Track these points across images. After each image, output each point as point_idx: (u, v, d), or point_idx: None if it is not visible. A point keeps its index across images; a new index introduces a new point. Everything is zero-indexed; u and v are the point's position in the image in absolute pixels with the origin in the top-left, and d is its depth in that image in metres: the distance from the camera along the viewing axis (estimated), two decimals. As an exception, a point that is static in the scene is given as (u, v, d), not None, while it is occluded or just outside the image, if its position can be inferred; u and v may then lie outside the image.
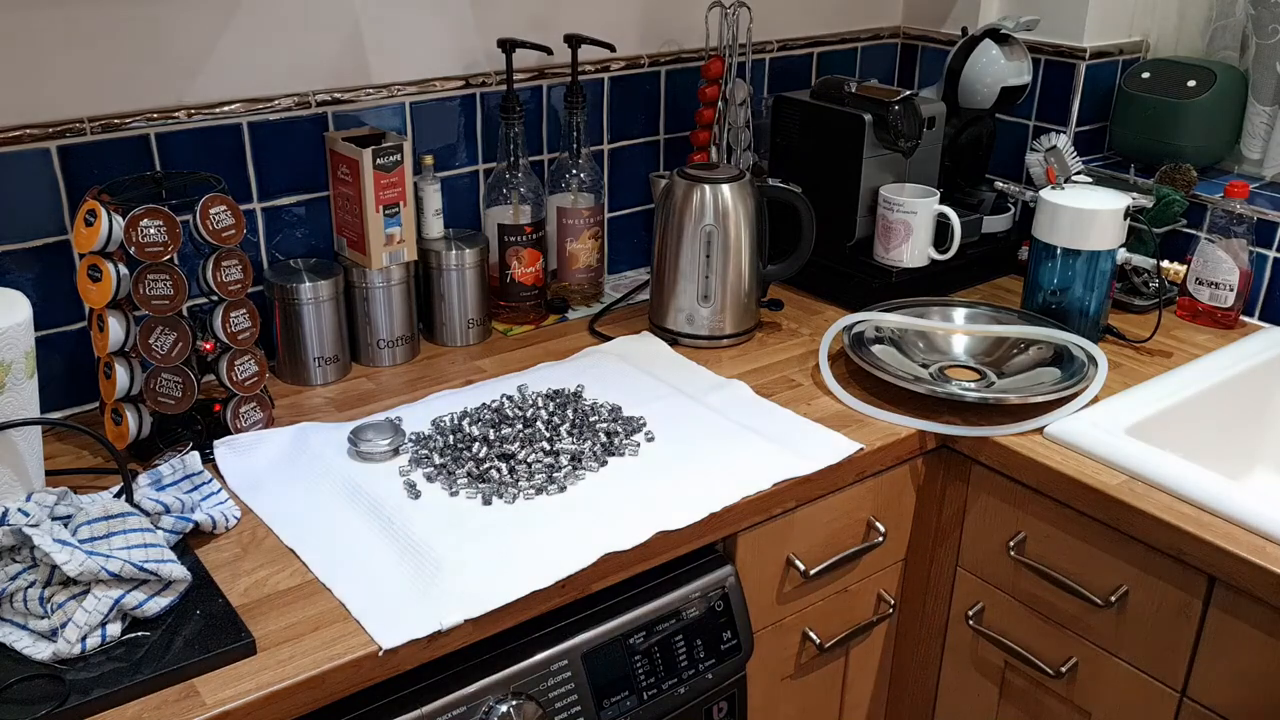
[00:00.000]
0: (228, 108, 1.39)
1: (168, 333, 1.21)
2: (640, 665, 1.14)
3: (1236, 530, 1.20)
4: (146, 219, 1.17)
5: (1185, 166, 1.76)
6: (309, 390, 1.44)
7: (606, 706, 1.11)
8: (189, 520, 1.09)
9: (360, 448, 1.25)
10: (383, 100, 1.50)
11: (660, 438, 1.31)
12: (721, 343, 1.56)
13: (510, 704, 1.05)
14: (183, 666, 0.94)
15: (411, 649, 0.99)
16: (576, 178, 1.62)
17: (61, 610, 0.95)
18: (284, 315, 1.42)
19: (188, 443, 1.25)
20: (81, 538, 1.00)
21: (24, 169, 1.27)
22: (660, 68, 1.74)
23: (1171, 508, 1.22)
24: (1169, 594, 1.24)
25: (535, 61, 1.60)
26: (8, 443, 1.04)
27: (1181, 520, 1.20)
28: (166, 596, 1.00)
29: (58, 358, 1.33)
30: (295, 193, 1.47)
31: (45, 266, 1.31)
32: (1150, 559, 1.25)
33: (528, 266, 1.59)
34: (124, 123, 1.32)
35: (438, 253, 1.52)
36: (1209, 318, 1.69)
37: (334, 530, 1.13)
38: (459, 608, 1.02)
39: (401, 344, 1.51)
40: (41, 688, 0.91)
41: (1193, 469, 1.25)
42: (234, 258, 1.25)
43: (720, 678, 1.21)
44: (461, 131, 1.59)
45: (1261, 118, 1.80)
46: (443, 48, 1.54)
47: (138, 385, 1.23)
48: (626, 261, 1.81)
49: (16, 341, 1.04)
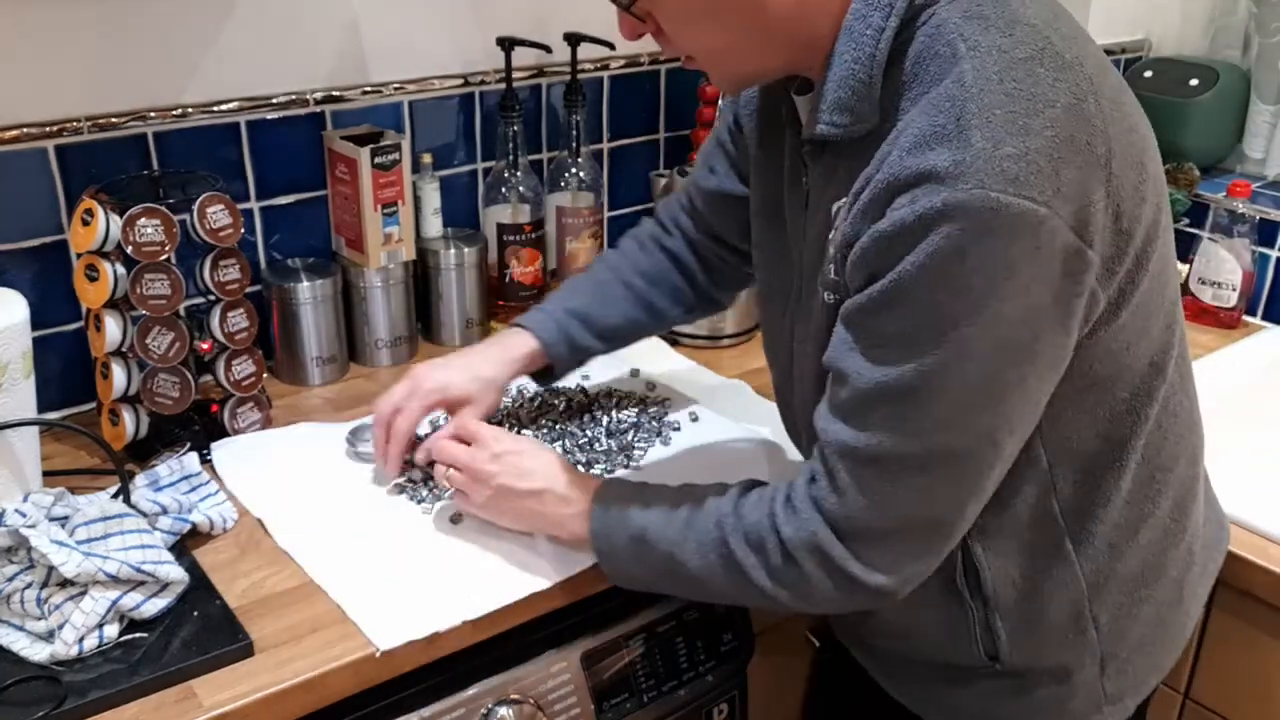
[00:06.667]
0: (225, 106, 1.38)
1: (165, 333, 1.20)
2: (640, 667, 1.13)
3: (1239, 531, 1.19)
4: (144, 218, 1.17)
5: (1187, 166, 1.76)
6: (307, 390, 1.43)
7: (606, 709, 1.11)
8: (186, 521, 1.08)
9: (358, 448, 1.25)
10: (381, 99, 1.50)
11: (660, 439, 1.30)
12: (722, 343, 1.56)
13: (509, 706, 1.05)
14: (180, 668, 0.93)
15: (410, 650, 0.98)
16: (576, 177, 1.61)
17: (59, 611, 0.95)
18: (282, 315, 1.41)
19: (185, 443, 1.24)
20: (79, 539, 0.99)
21: (21, 168, 1.26)
22: (660, 66, 1.74)
23: (1174, 508, 1.21)
24: (1171, 595, 1.24)
25: (534, 60, 1.59)
26: (5, 443, 1.04)
27: (1184, 521, 1.19)
28: (164, 598, 1.00)
29: (55, 358, 1.32)
30: (293, 192, 1.47)
31: (42, 266, 1.30)
32: (1152, 560, 1.24)
33: (527, 266, 1.58)
34: (121, 122, 1.31)
35: (436, 252, 1.52)
36: (1211, 317, 1.68)
37: (332, 531, 1.12)
38: (457, 609, 1.01)
39: (400, 344, 1.50)
40: (39, 689, 0.91)
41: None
42: (231, 257, 1.25)
43: (721, 680, 1.20)
44: (460, 130, 1.59)
45: (1264, 117, 1.80)
46: (441, 46, 1.53)
47: (135, 386, 1.23)
48: (626, 261, 1.81)
49: (13, 341, 1.04)
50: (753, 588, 0.93)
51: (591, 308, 1.23)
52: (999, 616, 0.96)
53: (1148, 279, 0.86)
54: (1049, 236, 0.76)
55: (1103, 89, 0.81)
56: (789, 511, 0.90)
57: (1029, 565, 0.95)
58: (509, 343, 1.22)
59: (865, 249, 0.80)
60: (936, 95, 0.78)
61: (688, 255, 1.25)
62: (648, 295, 1.24)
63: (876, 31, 0.82)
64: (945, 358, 0.79)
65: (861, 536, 0.87)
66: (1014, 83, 0.77)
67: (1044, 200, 0.75)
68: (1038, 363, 0.81)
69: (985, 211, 0.74)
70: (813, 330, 0.93)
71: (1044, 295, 0.78)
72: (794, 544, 0.89)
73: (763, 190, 1.04)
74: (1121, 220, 0.81)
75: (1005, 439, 0.84)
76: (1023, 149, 0.75)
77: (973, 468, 0.84)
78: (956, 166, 0.75)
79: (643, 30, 0.90)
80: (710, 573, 0.95)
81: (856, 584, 0.88)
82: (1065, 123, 0.77)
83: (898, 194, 0.78)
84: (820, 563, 0.88)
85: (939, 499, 0.85)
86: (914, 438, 0.82)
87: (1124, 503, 0.94)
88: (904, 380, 0.80)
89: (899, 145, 0.79)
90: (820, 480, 0.88)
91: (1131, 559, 0.97)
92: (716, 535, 0.94)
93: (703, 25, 0.86)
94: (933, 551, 0.88)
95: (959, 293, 0.77)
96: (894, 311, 0.80)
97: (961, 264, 0.76)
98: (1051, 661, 0.99)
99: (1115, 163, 0.80)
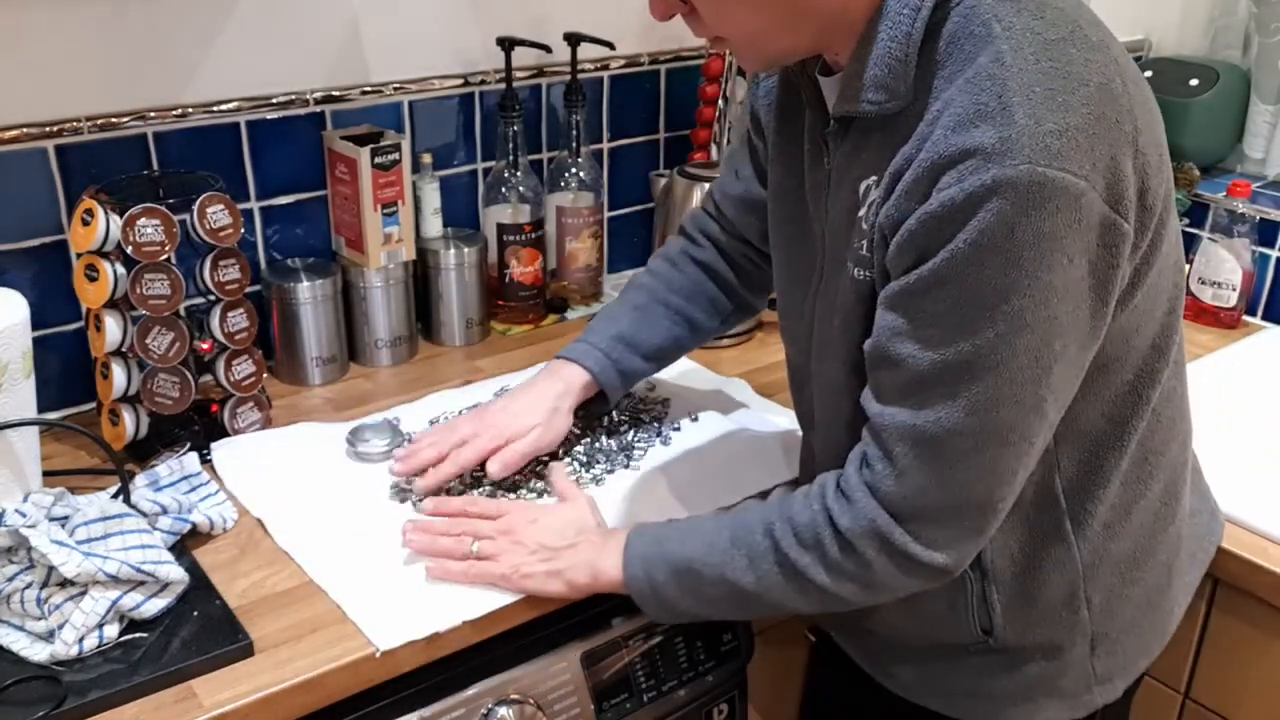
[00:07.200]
0: (225, 106, 1.38)
1: (165, 333, 1.20)
2: (640, 667, 1.13)
3: (1239, 531, 1.19)
4: (144, 218, 1.17)
5: (1187, 165, 1.76)
6: (307, 390, 1.43)
7: (606, 709, 1.11)
8: (186, 521, 1.08)
9: (358, 448, 1.24)
10: (381, 99, 1.50)
11: (659, 439, 1.30)
12: (721, 342, 1.56)
13: (509, 706, 1.05)
14: (180, 668, 0.93)
15: (409, 650, 0.98)
16: (576, 176, 1.61)
17: (59, 611, 0.95)
18: (282, 315, 1.41)
19: (185, 443, 1.24)
20: (79, 539, 0.99)
21: (21, 168, 1.26)
22: (660, 66, 1.74)
23: (1174, 508, 1.21)
24: (1171, 595, 1.24)
25: (534, 60, 1.59)
26: (5, 443, 1.04)
27: (1184, 521, 1.19)
28: (164, 598, 1.00)
29: (55, 358, 1.32)
30: (293, 192, 1.47)
31: (42, 266, 1.30)
32: (1152, 560, 1.24)
33: (527, 266, 1.58)
34: (121, 122, 1.31)
35: (436, 252, 1.51)
36: (1211, 317, 1.68)
37: (332, 531, 1.12)
38: (457, 609, 1.01)
39: (400, 344, 1.50)
40: (39, 689, 0.91)
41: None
42: (231, 257, 1.25)
43: (721, 679, 1.20)
44: (460, 130, 1.59)
45: (1264, 117, 1.80)
46: (441, 46, 1.53)
47: (135, 386, 1.23)
48: (626, 261, 1.80)
49: (13, 341, 1.04)
50: (813, 588, 0.93)
51: (633, 332, 1.24)
52: (995, 589, 0.98)
53: (1159, 260, 0.88)
54: (1089, 209, 0.78)
55: (1127, 71, 0.84)
56: (843, 502, 0.91)
57: (1028, 542, 0.97)
58: (563, 374, 1.23)
59: (913, 231, 0.82)
60: (975, 74, 0.80)
61: (720, 264, 1.26)
62: (686, 311, 1.26)
63: (913, 11, 0.84)
64: (1000, 332, 0.80)
65: (920, 517, 0.88)
66: (1050, 62, 0.80)
67: (1083, 174, 0.78)
68: (1081, 334, 0.83)
69: (1033, 186, 0.76)
70: (839, 307, 0.95)
71: (1085, 267, 0.80)
72: (853, 533, 0.90)
73: (782, 174, 1.05)
74: (1146, 197, 0.83)
75: (1052, 410, 0.86)
76: (1063, 125, 0.78)
77: (1024, 440, 0.85)
78: (1003, 143, 0.77)
79: (674, 11, 0.90)
80: (768, 584, 0.95)
81: (918, 564, 0.89)
82: (1098, 101, 0.80)
83: (943, 171, 0.79)
84: (881, 548, 0.90)
85: (996, 472, 0.86)
86: (973, 414, 0.83)
87: (1120, 484, 0.96)
88: (961, 357, 0.82)
89: (941, 124, 0.81)
90: (876, 464, 0.89)
91: (1124, 540, 0.99)
92: (767, 544, 0.95)
93: (740, 5, 0.87)
94: (988, 525, 0.90)
95: (1009, 266, 0.78)
96: (945, 290, 0.81)
97: (1010, 238, 0.77)
98: (1044, 639, 1.00)
99: (1141, 139, 0.82)
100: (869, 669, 1.11)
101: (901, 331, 0.85)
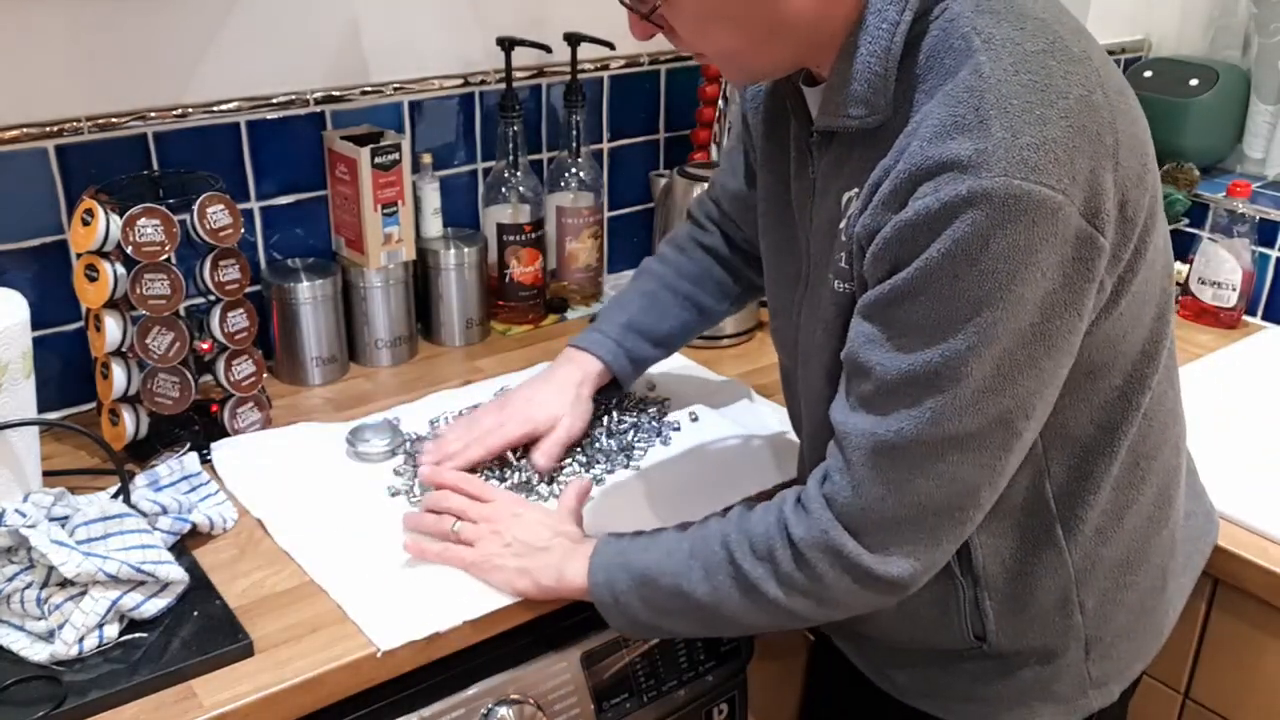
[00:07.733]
0: (225, 106, 1.38)
1: (165, 333, 1.20)
2: (640, 667, 1.13)
3: (1239, 531, 1.19)
4: (144, 218, 1.17)
5: (1187, 166, 1.76)
6: (307, 390, 1.43)
7: (606, 709, 1.11)
8: (186, 521, 1.08)
9: (358, 448, 1.24)
10: (381, 99, 1.50)
11: (659, 439, 1.30)
12: (721, 343, 1.56)
13: (509, 706, 1.05)
14: (180, 668, 0.93)
15: (410, 650, 0.98)
16: (576, 177, 1.61)
17: (59, 611, 0.95)
18: (282, 315, 1.41)
19: (185, 443, 1.24)
20: (79, 539, 0.99)
21: (21, 168, 1.26)
22: (660, 66, 1.74)
23: (1174, 508, 1.21)
24: (1171, 595, 1.24)
25: (534, 60, 1.59)
26: (5, 443, 1.04)
27: (1184, 521, 1.19)
28: (164, 598, 1.00)
29: (55, 358, 1.32)
30: (293, 192, 1.47)
31: (42, 266, 1.30)
32: (1152, 560, 1.24)
33: (527, 266, 1.58)
34: (121, 122, 1.31)
35: (436, 252, 1.52)
36: (1211, 317, 1.68)
37: (332, 531, 1.12)
38: (457, 609, 1.01)
39: (400, 344, 1.50)
40: (39, 689, 0.91)
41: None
42: (231, 257, 1.25)
43: (721, 680, 1.20)
44: (460, 130, 1.59)
45: (1264, 117, 1.80)
46: (441, 46, 1.53)
47: (135, 386, 1.23)
48: (626, 261, 1.80)
49: (13, 341, 1.04)
50: (767, 603, 0.92)
51: (644, 319, 1.26)
52: (988, 595, 0.97)
53: (1144, 268, 0.88)
54: (1065, 223, 0.78)
55: (1108, 82, 0.83)
56: (800, 514, 0.90)
57: (1019, 547, 0.96)
58: (579, 361, 1.25)
59: (888, 239, 0.81)
60: (954, 86, 0.80)
61: (725, 248, 1.28)
62: (695, 296, 1.28)
63: (892, 25, 0.84)
64: (969, 343, 0.80)
65: (876, 529, 0.87)
66: (1029, 75, 0.79)
67: (1061, 188, 0.77)
68: (1053, 348, 0.83)
69: (1009, 199, 0.76)
70: (821, 316, 0.94)
71: (1059, 280, 0.80)
72: (805, 544, 0.89)
73: (770, 180, 1.06)
74: (1126, 209, 0.83)
75: (1022, 425, 0.85)
76: (1041, 138, 0.77)
77: (989, 453, 0.85)
78: (979, 155, 0.77)
79: (653, 32, 0.90)
80: (721, 597, 0.94)
81: (872, 578, 0.88)
82: (1077, 113, 0.79)
83: (920, 183, 0.79)
84: (834, 561, 0.88)
85: (955, 485, 0.85)
86: (935, 424, 0.83)
87: (1111, 489, 0.96)
88: (929, 366, 0.81)
89: (919, 136, 0.81)
90: (835, 476, 0.88)
91: (1117, 544, 0.99)
92: (723, 555, 0.94)
93: (719, 27, 0.87)
94: (947, 541, 0.89)
95: (983, 278, 0.78)
96: (919, 299, 0.81)
97: (985, 249, 0.77)
98: (1038, 643, 1.00)
99: (1121, 153, 0.82)
100: (866, 672, 1.11)
101: (873, 339, 0.84)
